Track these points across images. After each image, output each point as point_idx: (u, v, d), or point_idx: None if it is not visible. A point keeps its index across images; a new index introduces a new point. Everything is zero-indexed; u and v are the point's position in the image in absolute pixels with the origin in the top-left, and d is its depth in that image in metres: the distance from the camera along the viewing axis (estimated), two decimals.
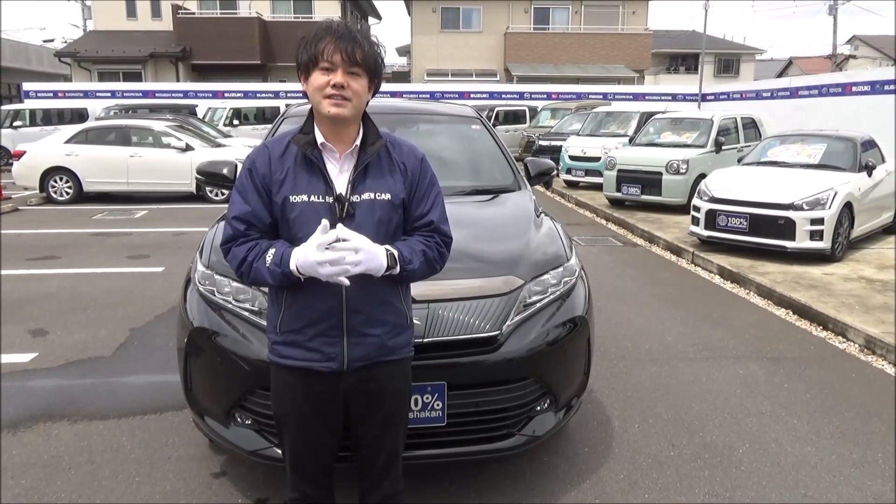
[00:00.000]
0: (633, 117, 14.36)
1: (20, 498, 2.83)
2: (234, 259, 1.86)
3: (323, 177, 1.85)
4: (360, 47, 1.81)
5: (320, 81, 1.80)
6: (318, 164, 1.86)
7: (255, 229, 1.86)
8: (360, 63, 1.81)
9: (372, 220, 1.86)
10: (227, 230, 1.89)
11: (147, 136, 12.24)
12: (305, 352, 1.88)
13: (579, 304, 2.92)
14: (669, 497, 2.88)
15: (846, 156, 7.83)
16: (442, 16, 30.41)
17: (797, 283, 6.21)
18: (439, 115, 4.51)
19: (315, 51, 1.81)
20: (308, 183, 1.85)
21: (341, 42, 1.79)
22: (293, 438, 2.01)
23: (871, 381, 4.24)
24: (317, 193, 1.84)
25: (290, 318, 1.89)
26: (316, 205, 1.83)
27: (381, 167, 1.92)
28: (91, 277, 6.57)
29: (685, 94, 25.49)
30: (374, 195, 1.88)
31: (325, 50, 1.79)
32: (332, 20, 1.89)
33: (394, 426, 2.06)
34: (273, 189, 1.86)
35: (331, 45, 1.79)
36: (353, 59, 1.79)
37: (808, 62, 44.92)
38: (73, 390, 3.92)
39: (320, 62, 1.80)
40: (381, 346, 1.92)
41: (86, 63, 27.40)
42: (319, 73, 1.80)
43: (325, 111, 1.81)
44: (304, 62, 1.83)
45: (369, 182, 1.88)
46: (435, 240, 1.97)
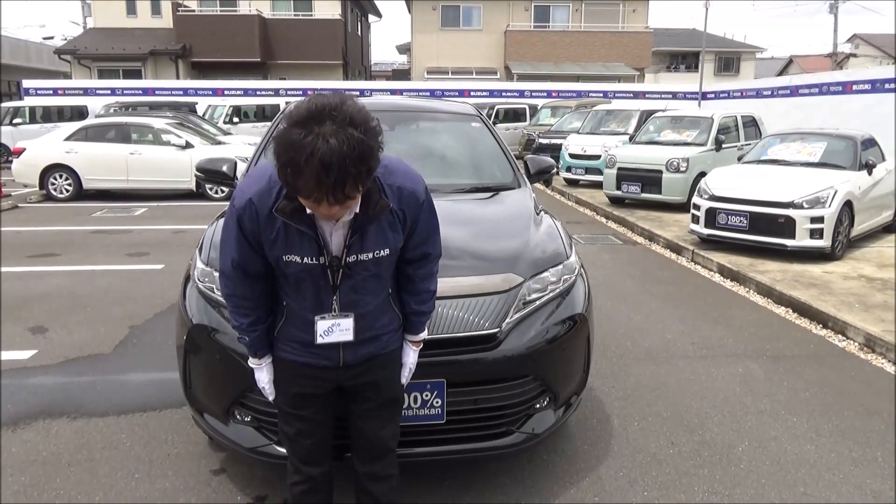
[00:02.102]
0: (633, 115, 14.35)
1: (20, 495, 2.83)
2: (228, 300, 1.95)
3: (315, 242, 1.76)
4: (351, 179, 1.52)
5: (311, 207, 1.63)
6: (308, 232, 1.75)
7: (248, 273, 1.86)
8: (353, 197, 1.59)
9: (369, 275, 1.86)
10: (223, 264, 1.90)
11: (147, 134, 12.23)
12: (304, 354, 1.94)
13: (579, 302, 2.91)
14: (668, 495, 2.88)
15: (846, 154, 7.82)
16: (442, 14, 30.39)
17: (797, 282, 6.21)
18: (439, 113, 4.50)
19: (300, 189, 1.55)
20: (300, 245, 1.76)
21: (329, 186, 1.51)
22: (291, 423, 2.04)
23: (870, 379, 4.24)
24: (310, 255, 1.77)
25: (288, 332, 1.94)
26: (310, 266, 1.78)
27: (381, 226, 1.80)
28: (91, 275, 6.57)
29: (685, 93, 25.47)
30: (372, 254, 1.81)
31: (312, 195, 1.55)
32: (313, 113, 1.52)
33: (389, 412, 2.10)
34: (265, 245, 1.79)
35: (317, 191, 1.53)
36: (342, 201, 1.57)
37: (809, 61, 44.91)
38: (73, 388, 3.92)
39: (305, 199, 1.60)
40: (378, 345, 1.99)
41: (85, 60, 27.37)
42: (314, 202, 1.59)
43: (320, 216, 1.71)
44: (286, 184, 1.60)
45: (368, 242, 1.79)
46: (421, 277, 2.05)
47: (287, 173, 1.54)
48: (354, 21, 33.59)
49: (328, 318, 1.86)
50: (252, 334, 1.95)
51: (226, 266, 1.89)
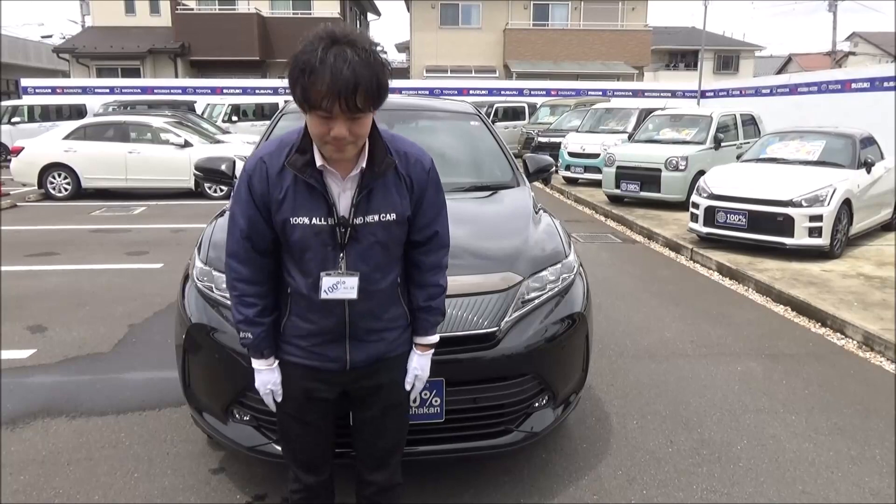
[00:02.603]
0: (632, 114, 14.35)
1: (19, 494, 2.83)
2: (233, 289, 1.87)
3: (324, 199, 1.75)
4: (362, 87, 1.56)
5: (319, 129, 1.63)
6: (318, 187, 1.74)
7: (256, 246, 1.82)
8: (363, 108, 1.59)
9: (375, 241, 1.81)
10: (231, 244, 1.84)
11: (145, 133, 12.22)
12: (308, 353, 1.89)
13: (578, 301, 2.91)
14: (667, 493, 2.89)
15: (845, 152, 7.83)
16: (441, 12, 30.37)
17: (796, 280, 6.22)
18: (439, 112, 4.50)
19: (310, 95, 1.57)
20: (309, 204, 1.75)
21: (340, 86, 1.54)
22: (293, 429, 2.00)
23: (869, 377, 4.25)
24: (318, 216, 1.75)
25: (294, 326, 1.88)
26: (317, 228, 1.75)
27: (387, 186, 1.80)
28: (90, 274, 6.57)
29: (684, 91, 25.48)
30: (378, 217, 1.79)
31: (323, 98, 1.56)
32: (328, 33, 1.59)
33: (394, 418, 2.04)
34: (272, 207, 1.76)
35: (328, 91, 1.54)
36: (353, 107, 1.57)
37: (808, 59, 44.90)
38: (72, 387, 3.92)
39: (317, 109, 1.59)
40: (383, 347, 1.92)
41: (84, 59, 27.37)
42: (316, 118, 1.61)
43: (328, 154, 1.70)
44: (298, 100, 1.62)
45: (374, 203, 1.78)
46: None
47: (302, 79, 1.57)
48: (353, 19, 33.56)
49: (333, 274, 1.78)
50: (258, 328, 1.85)
51: (234, 242, 1.83)
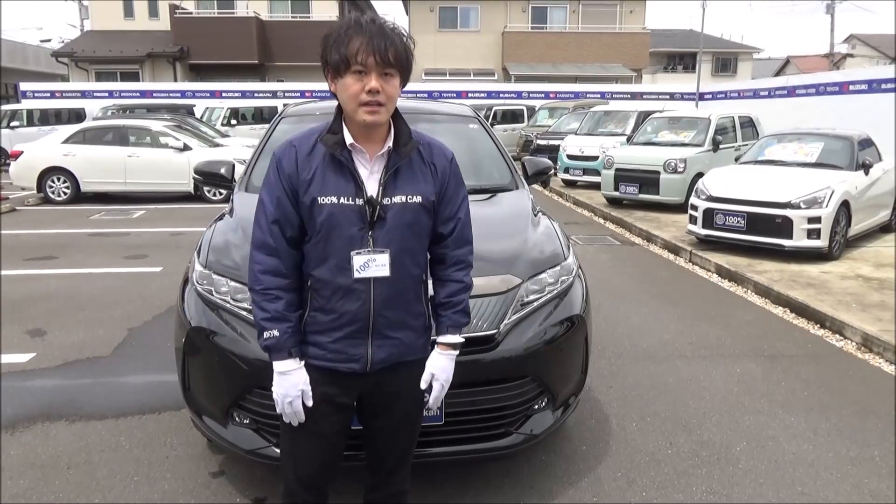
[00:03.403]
0: (630, 116, 14.37)
1: (19, 498, 2.83)
2: (259, 283, 1.81)
3: (353, 178, 1.79)
4: (392, 45, 1.71)
5: (354, 88, 1.71)
6: (347, 164, 1.79)
7: (284, 232, 1.81)
8: (394, 63, 1.72)
9: (403, 223, 1.82)
10: (258, 233, 1.83)
11: (145, 136, 12.22)
12: (328, 352, 1.84)
13: (577, 303, 2.92)
14: (667, 495, 2.89)
15: (843, 154, 7.84)
16: (439, 15, 30.38)
17: (794, 282, 6.22)
18: (437, 115, 4.50)
19: (346, 52, 1.69)
20: (337, 184, 1.78)
21: (374, 41, 1.69)
22: (300, 442, 1.92)
23: (868, 378, 4.25)
24: (346, 195, 1.77)
25: (314, 321, 1.84)
26: (345, 207, 1.77)
27: (413, 169, 1.86)
28: (89, 277, 6.57)
29: (683, 93, 25.50)
30: (405, 198, 1.82)
31: (358, 52, 1.68)
32: (360, 16, 1.77)
33: (408, 427, 2.02)
34: (300, 190, 1.78)
35: (363, 45, 1.68)
36: (386, 60, 1.70)
37: (806, 61, 44.95)
38: (72, 390, 3.92)
39: (353, 65, 1.69)
40: (403, 347, 1.88)
41: (83, 63, 27.36)
42: (352, 77, 1.71)
43: (360, 119, 1.74)
44: (335, 63, 1.72)
45: (401, 184, 1.82)
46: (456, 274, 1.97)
47: (337, 47, 1.71)
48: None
49: (363, 253, 1.78)
50: (285, 323, 1.80)
51: (262, 230, 1.81)
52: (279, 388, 1.82)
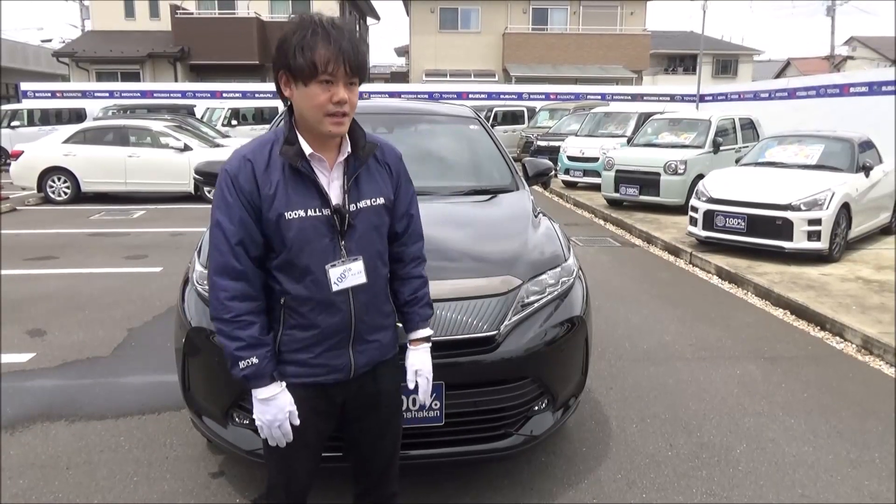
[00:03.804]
0: (631, 118, 14.37)
1: (18, 498, 2.83)
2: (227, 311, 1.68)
3: (317, 188, 1.72)
4: (358, 54, 1.65)
5: (321, 99, 1.63)
6: (309, 175, 1.71)
7: (249, 252, 1.71)
8: (359, 72, 1.67)
9: (371, 227, 1.80)
10: (218, 258, 1.69)
11: (145, 137, 12.23)
12: (311, 368, 1.78)
13: (577, 304, 2.92)
14: (667, 497, 2.89)
15: (844, 156, 7.85)
16: (440, 16, 30.40)
17: (795, 284, 6.22)
18: (438, 116, 4.51)
19: (314, 60, 1.60)
20: (302, 196, 1.71)
21: (344, 51, 1.62)
22: (289, 458, 1.86)
23: (868, 380, 4.25)
24: (313, 207, 1.71)
25: (292, 339, 1.77)
26: (314, 220, 1.71)
27: (371, 171, 1.84)
28: (89, 278, 6.57)
29: (683, 95, 25.51)
30: (370, 202, 1.80)
31: (329, 62, 1.61)
32: (316, 16, 1.67)
33: (391, 427, 2.03)
34: (263, 206, 1.69)
35: (333, 55, 1.61)
36: (354, 70, 1.65)
37: (806, 63, 44.97)
38: (71, 390, 3.92)
39: (321, 74, 1.61)
40: (382, 348, 1.89)
41: (84, 63, 27.37)
42: (319, 87, 1.63)
43: (325, 130, 1.68)
44: (298, 69, 1.62)
45: (363, 188, 1.80)
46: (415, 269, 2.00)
47: (302, 52, 1.61)
48: (353, 23, 33.53)
49: (338, 264, 1.74)
50: (263, 348, 1.70)
51: (223, 255, 1.68)
52: (265, 415, 1.73)
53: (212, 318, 1.73)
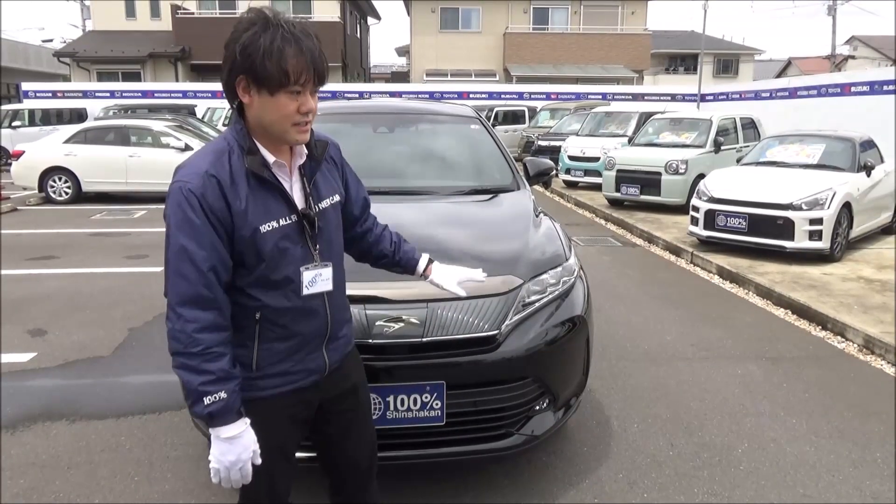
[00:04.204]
0: (632, 117, 14.36)
1: (19, 498, 2.83)
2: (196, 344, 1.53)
3: (283, 196, 1.65)
4: (325, 62, 1.60)
5: (289, 108, 1.56)
6: (274, 183, 1.64)
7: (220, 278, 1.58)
8: (325, 81, 1.62)
9: (334, 226, 1.79)
10: (184, 287, 1.54)
11: (146, 136, 12.24)
12: (291, 376, 1.72)
13: (578, 304, 2.92)
14: (668, 497, 2.88)
15: (845, 156, 7.84)
16: (441, 16, 30.41)
17: (796, 283, 6.22)
18: (439, 115, 4.51)
19: (286, 69, 1.52)
20: (272, 206, 1.63)
21: (314, 62, 1.56)
22: (274, 471, 1.76)
23: (869, 380, 4.24)
24: (283, 216, 1.64)
25: (271, 353, 1.69)
26: (286, 228, 1.65)
27: (323, 170, 1.80)
28: (90, 277, 6.57)
29: (684, 95, 25.50)
30: (329, 201, 1.78)
31: (302, 73, 1.55)
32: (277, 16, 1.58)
33: (369, 428, 1.98)
34: (236, 223, 1.57)
35: (304, 65, 1.54)
36: (322, 80, 1.60)
37: (807, 62, 44.96)
38: (72, 390, 3.92)
39: (291, 85, 1.54)
40: (347, 342, 1.89)
41: (85, 63, 27.39)
42: (287, 96, 1.55)
43: (292, 139, 1.61)
44: (266, 78, 1.53)
45: (322, 189, 1.77)
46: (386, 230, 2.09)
47: (271, 59, 1.52)
48: (353, 23, 33.60)
49: (311, 268, 1.70)
50: (232, 381, 1.56)
51: (192, 284, 1.54)
52: (227, 455, 1.56)
53: (174, 353, 1.55)
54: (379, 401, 2.44)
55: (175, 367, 1.56)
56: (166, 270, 1.57)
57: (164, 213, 1.59)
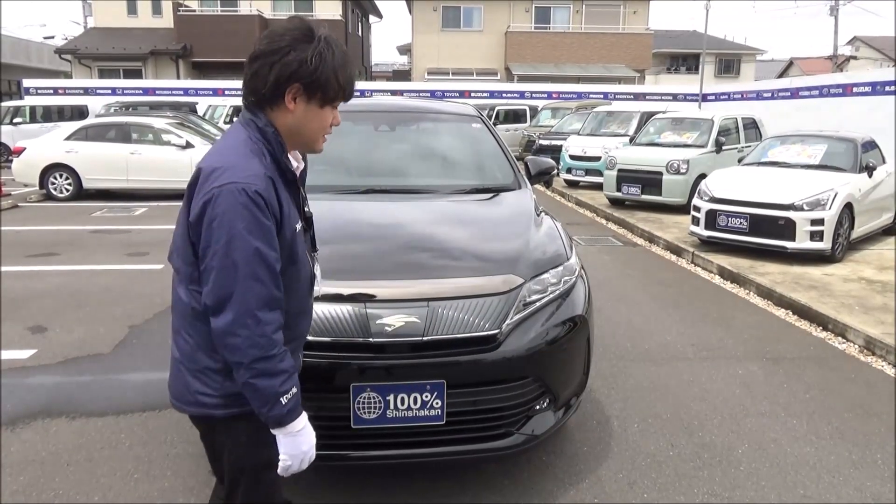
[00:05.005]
0: (633, 117, 14.35)
1: (18, 494, 2.83)
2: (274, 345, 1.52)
3: (297, 201, 1.71)
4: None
5: (328, 121, 1.64)
6: (299, 188, 1.72)
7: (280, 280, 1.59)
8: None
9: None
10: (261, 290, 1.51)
11: (147, 134, 12.23)
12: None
13: (579, 304, 2.91)
14: (668, 497, 2.88)
15: (847, 156, 7.83)
16: (443, 14, 30.41)
17: (797, 284, 6.21)
18: (440, 114, 4.51)
19: (351, 90, 1.64)
20: (295, 209, 1.68)
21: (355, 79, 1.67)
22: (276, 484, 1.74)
23: (870, 381, 4.24)
24: (297, 220, 1.68)
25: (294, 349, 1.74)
26: (301, 230, 1.70)
27: None
28: (90, 275, 6.57)
29: (686, 94, 25.49)
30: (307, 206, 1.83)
31: (352, 91, 1.65)
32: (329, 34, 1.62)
33: None
34: (284, 224, 1.59)
35: (354, 84, 1.66)
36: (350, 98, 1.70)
37: (809, 63, 44.92)
38: (72, 387, 3.92)
39: (341, 101, 1.64)
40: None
41: (86, 60, 27.40)
42: (331, 110, 1.63)
43: (318, 148, 1.68)
44: (331, 91, 1.58)
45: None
46: None
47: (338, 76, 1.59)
48: (355, 21, 33.60)
49: (316, 269, 1.83)
50: (296, 375, 1.59)
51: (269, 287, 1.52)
52: (301, 446, 1.58)
53: (253, 360, 1.49)
54: (379, 400, 2.44)
55: (251, 378, 1.51)
56: (234, 275, 1.49)
57: (211, 214, 1.49)
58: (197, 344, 1.61)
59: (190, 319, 1.61)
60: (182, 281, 1.62)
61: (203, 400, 1.63)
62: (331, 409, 2.46)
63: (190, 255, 1.58)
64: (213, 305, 1.51)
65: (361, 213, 3.30)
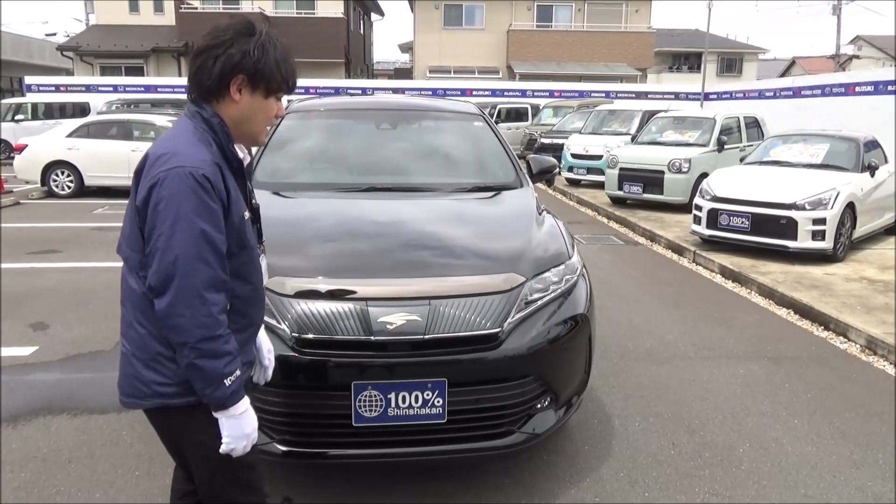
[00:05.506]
0: (635, 116, 14.33)
1: (20, 491, 2.83)
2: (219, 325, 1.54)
3: (244, 190, 1.73)
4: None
5: (272, 112, 1.70)
6: (245, 178, 1.75)
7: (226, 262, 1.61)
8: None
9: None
10: (207, 271, 1.52)
11: (149, 131, 12.23)
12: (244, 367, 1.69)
13: (580, 302, 2.91)
14: (669, 496, 2.88)
15: (849, 156, 7.81)
16: (445, 13, 30.37)
17: (799, 283, 6.20)
18: (442, 112, 4.50)
19: (294, 80, 1.70)
20: (240, 199, 1.69)
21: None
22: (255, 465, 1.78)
23: (871, 381, 4.23)
24: (244, 209, 1.70)
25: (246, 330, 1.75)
26: (248, 219, 1.73)
27: None
28: (92, 272, 6.57)
29: (688, 93, 25.44)
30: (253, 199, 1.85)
31: (295, 82, 1.71)
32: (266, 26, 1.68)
33: None
34: (231, 210, 1.61)
35: (295, 76, 1.72)
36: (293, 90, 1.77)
37: (812, 62, 44.84)
38: (73, 384, 3.92)
39: (285, 91, 1.70)
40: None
41: (88, 57, 27.39)
42: (275, 101, 1.69)
43: (261, 139, 1.75)
44: (275, 83, 1.65)
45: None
46: None
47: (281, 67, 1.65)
48: (357, 19, 33.56)
49: (263, 258, 1.85)
50: (239, 358, 1.61)
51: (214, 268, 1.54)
52: (243, 428, 1.61)
53: (198, 341, 1.51)
54: (380, 398, 2.44)
55: (195, 359, 1.52)
56: (179, 256, 1.50)
57: (157, 196, 1.52)
58: (149, 332, 1.61)
59: (142, 307, 1.61)
60: (132, 269, 1.63)
61: (159, 390, 1.62)
62: (332, 408, 2.46)
63: (139, 242, 1.59)
64: (157, 286, 1.52)
65: (363, 212, 3.29)
